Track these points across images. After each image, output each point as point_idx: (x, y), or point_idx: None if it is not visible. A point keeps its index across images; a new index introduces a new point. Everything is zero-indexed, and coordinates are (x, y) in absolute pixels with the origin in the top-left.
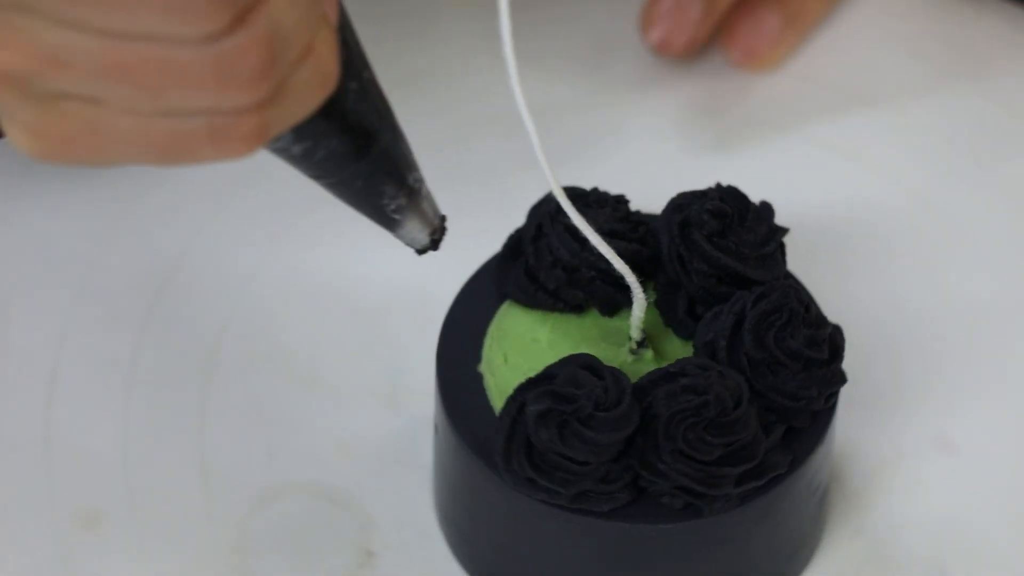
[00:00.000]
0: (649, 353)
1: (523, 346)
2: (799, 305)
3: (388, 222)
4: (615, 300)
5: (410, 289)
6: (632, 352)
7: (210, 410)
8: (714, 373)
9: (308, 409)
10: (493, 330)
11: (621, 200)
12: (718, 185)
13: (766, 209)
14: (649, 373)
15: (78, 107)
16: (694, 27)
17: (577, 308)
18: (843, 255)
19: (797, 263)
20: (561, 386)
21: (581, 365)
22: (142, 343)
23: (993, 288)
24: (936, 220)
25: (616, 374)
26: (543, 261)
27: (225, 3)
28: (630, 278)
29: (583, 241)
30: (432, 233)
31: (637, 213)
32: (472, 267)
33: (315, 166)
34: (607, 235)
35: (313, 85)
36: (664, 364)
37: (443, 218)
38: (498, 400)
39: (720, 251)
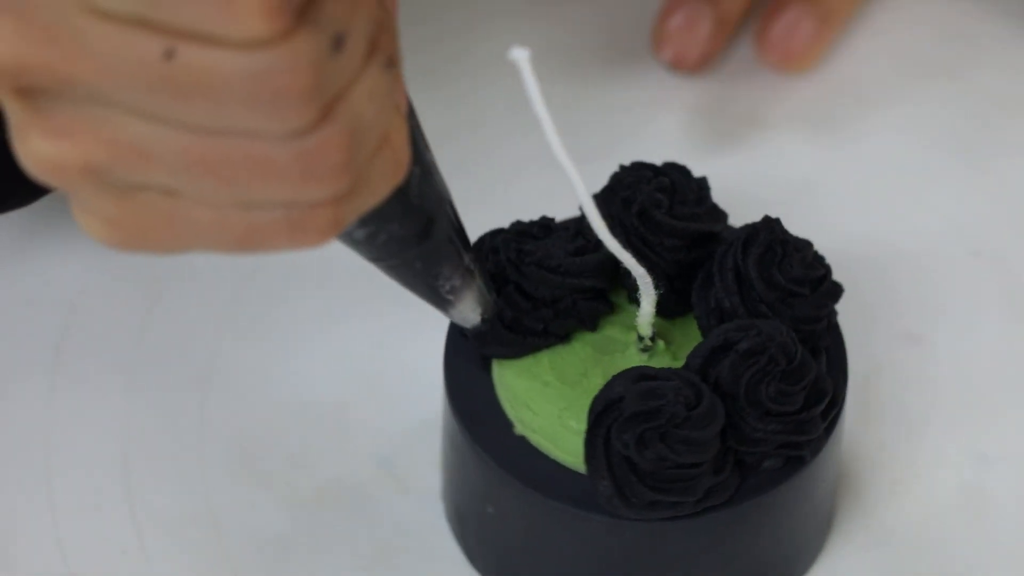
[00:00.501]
0: (661, 344)
1: (538, 393)
2: (787, 236)
3: (441, 302)
4: (597, 311)
5: None
6: (644, 350)
7: (211, 411)
8: (760, 328)
9: (310, 409)
10: (502, 392)
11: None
12: (633, 164)
13: (681, 168)
14: (693, 354)
15: (155, 198)
16: (705, 43)
17: (564, 337)
18: (853, 255)
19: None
20: (638, 405)
21: (635, 379)
22: (142, 345)
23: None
24: (946, 226)
25: (675, 371)
26: (521, 307)
27: (314, 99)
28: (638, 271)
29: (554, 268)
30: (484, 312)
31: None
32: None
33: (376, 249)
34: (574, 255)
35: (387, 174)
36: (673, 349)
37: (496, 298)
38: (564, 454)
39: (685, 220)
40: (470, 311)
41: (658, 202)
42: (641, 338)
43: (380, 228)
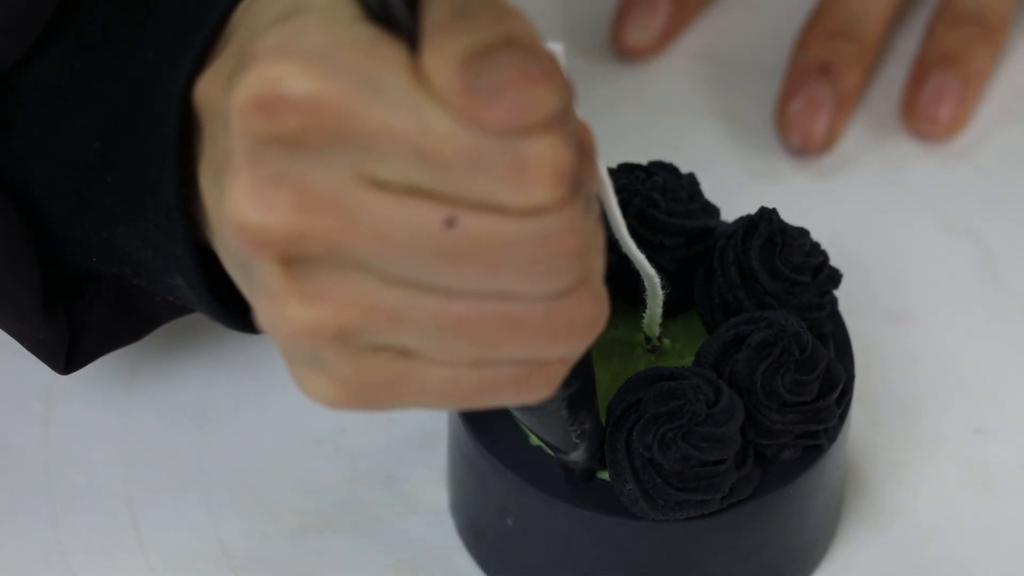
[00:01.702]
0: (668, 343)
1: None
2: (785, 226)
3: (567, 444)
4: None
5: None
6: (651, 350)
7: (211, 445)
8: (770, 320)
9: (310, 436)
10: None
11: None
12: (620, 165)
13: (669, 166)
14: (703, 350)
15: (391, 359)
16: (829, 123)
17: None
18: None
19: None
20: (658, 406)
21: (653, 380)
22: (135, 384)
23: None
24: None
25: (691, 370)
26: None
27: (582, 261)
28: (649, 272)
29: None
30: (592, 459)
31: None
32: None
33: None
34: None
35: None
36: (679, 348)
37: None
38: None
39: (682, 218)
40: (585, 455)
41: (655, 202)
42: (648, 339)
43: (573, 380)
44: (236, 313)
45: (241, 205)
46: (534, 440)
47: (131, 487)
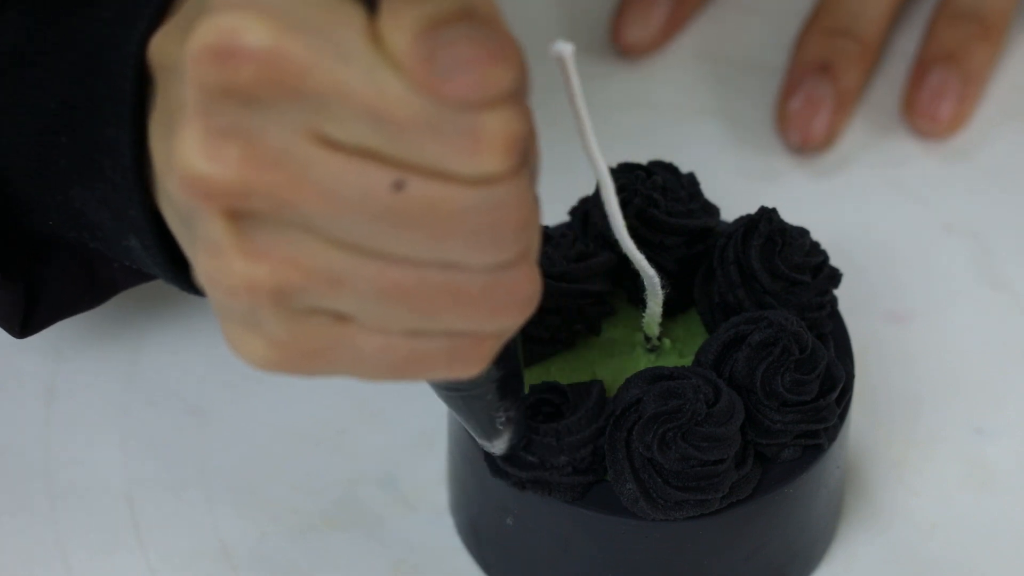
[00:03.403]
0: (667, 342)
1: None
2: (784, 225)
3: (491, 432)
4: (601, 315)
5: None
6: (651, 350)
7: (211, 445)
8: (770, 319)
9: (308, 436)
10: None
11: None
12: (621, 165)
13: (669, 166)
14: (703, 350)
15: (325, 323)
16: (829, 121)
17: (569, 343)
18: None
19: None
20: (658, 406)
21: (652, 380)
22: (133, 385)
23: (976, 260)
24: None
25: (690, 369)
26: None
27: (527, 233)
28: (649, 272)
29: (558, 275)
30: (514, 447)
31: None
32: None
33: (467, 380)
34: (576, 260)
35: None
36: (679, 347)
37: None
38: None
39: (682, 217)
40: (505, 443)
41: (655, 201)
42: (648, 338)
43: (503, 361)
44: (189, 277)
45: (190, 155)
46: None
47: (131, 487)
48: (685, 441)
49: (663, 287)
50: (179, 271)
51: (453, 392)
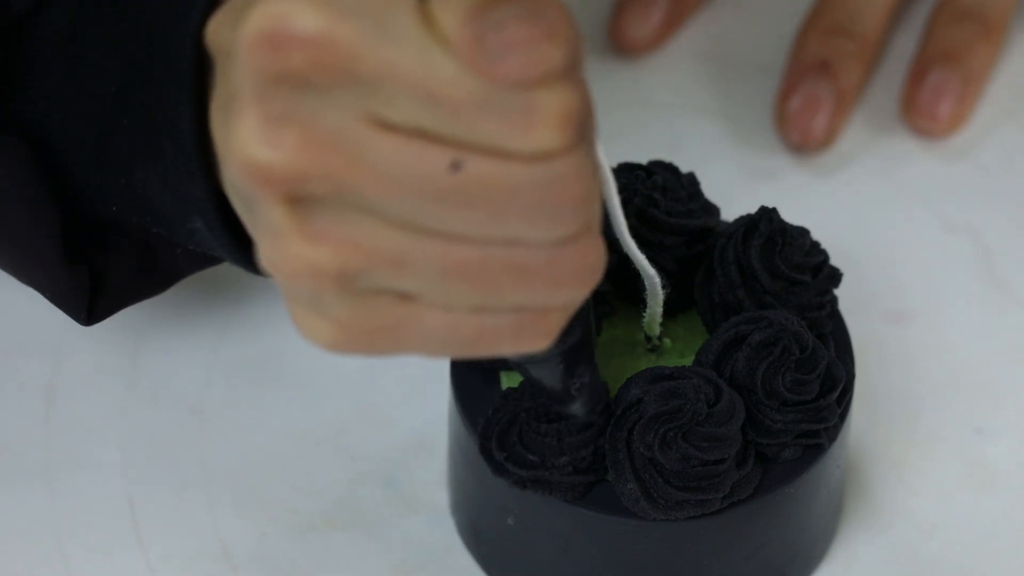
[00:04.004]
0: (668, 342)
1: None
2: (785, 225)
3: (566, 398)
4: (601, 315)
5: None
6: (651, 349)
7: (211, 445)
8: (770, 319)
9: (308, 437)
10: None
11: None
12: (620, 165)
13: (669, 166)
14: (703, 349)
15: (390, 303)
16: (828, 120)
17: None
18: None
19: None
20: (659, 406)
21: (653, 380)
22: (133, 386)
23: (977, 259)
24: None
25: (691, 369)
26: None
27: (588, 207)
28: (650, 272)
29: None
30: (592, 411)
31: None
32: None
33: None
34: None
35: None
36: (679, 347)
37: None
38: None
39: (682, 217)
40: (583, 408)
41: (655, 201)
42: (649, 338)
43: (570, 332)
44: (255, 257)
45: (248, 142)
46: None
47: (131, 487)
48: (686, 441)
49: (663, 287)
50: (244, 252)
51: (525, 364)
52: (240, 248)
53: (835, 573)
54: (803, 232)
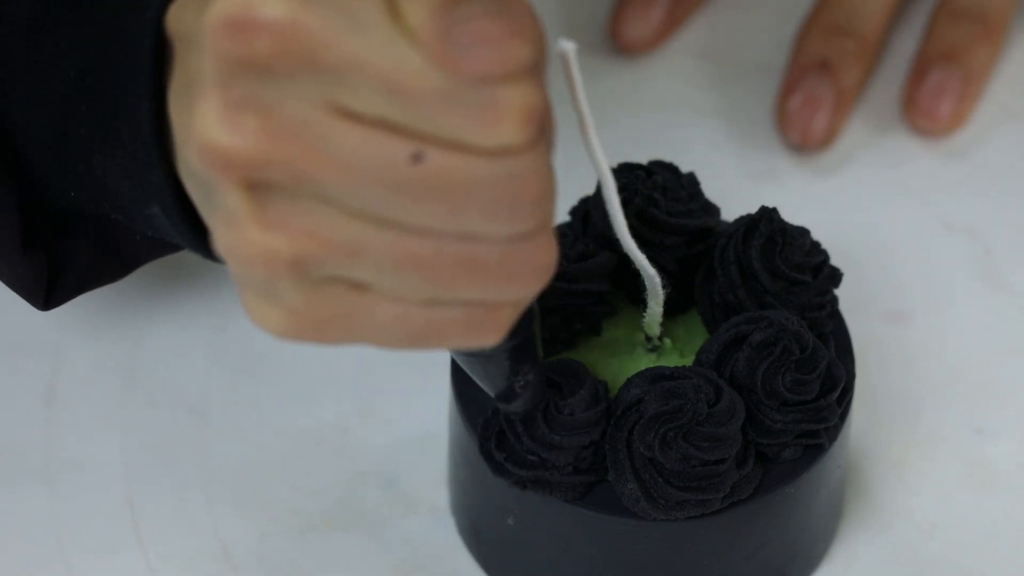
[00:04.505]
0: (668, 342)
1: None
2: (785, 225)
3: (508, 395)
4: (601, 315)
5: None
6: (651, 349)
7: (211, 445)
8: (771, 319)
9: (309, 436)
10: None
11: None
12: (621, 165)
13: (670, 166)
14: (704, 349)
15: (342, 292)
16: (829, 119)
17: (569, 345)
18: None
19: None
20: (659, 406)
21: (653, 379)
22: (132, 386)
23: (976, 259)
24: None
25: (691, 369)
26: None
27: (546, 204)
28: (650, 272)
29: (559, 275)
30: (532, 409)
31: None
32: None
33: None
34: (576, 260)
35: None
36: (679, 347)
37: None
38: None
39: (683, 217)
40: (522, 405)
41: (655, 201)
42: (649, 338)
43: (517, 331)
44: (211, 244)
45: (209, 126)
46: None
47: (131, 487)
48: (686, 441)
49: (664, 287)
50: (201, 239)
51: (471, 360)
52: (198, 235)
53: (835, 573)
54: (803, 232)
